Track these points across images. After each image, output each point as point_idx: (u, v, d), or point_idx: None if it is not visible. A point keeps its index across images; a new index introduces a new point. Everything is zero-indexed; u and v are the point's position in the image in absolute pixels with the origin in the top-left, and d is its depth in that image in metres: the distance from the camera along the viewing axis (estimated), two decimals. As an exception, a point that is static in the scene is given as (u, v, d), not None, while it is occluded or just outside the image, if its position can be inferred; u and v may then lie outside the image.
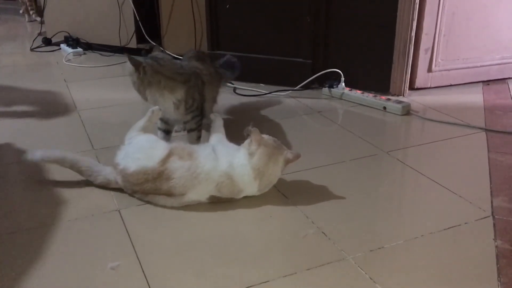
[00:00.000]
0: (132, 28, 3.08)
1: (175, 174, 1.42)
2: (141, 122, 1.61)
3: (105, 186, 1.53)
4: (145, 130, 1.59)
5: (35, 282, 1.16)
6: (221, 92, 2.00)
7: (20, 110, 2.28)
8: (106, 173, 1.53)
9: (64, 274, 1.19)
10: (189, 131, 1.78)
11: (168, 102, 1.70)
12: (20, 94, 2.50)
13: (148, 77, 1.66)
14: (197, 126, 1.78)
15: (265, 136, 1.50)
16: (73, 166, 1.55)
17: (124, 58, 3.03)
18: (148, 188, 1.44)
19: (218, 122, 1.68)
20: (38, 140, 1.93)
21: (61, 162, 1.55)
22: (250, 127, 1.50)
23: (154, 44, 3.04)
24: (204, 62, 1.90)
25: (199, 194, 1.45)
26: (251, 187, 1.47)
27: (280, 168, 1.49)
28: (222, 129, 1.66)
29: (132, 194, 1.49)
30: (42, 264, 1.22)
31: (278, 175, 1.51)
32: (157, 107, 1.65)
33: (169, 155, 1.46)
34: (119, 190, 1.52)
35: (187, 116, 1.75)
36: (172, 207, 1.45)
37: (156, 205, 1.47)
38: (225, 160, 1.46)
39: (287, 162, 1.50)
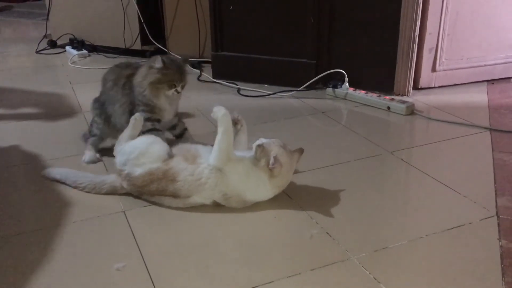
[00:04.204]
0: (136, 30, 3.10)
1: (180, 177, 1.43)
2: (126, 132, 1.59)
3: (112, 193, 1.54)
4: (132, 138, 1.57)
5: (41, 283, 1.17)
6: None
7: (26, 112, 2.30)
8: (111, 180, 1.53)
9: (69, 275, 1.20)
10: (181, 135, 1.80)
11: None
12: (26, 96, 2.52)
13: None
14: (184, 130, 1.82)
15: (276, 147, 1.45)
16: (76, 184, 1.57)
17: (128, 59, 3.05)
18: (154, 189, 1.45)
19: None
20: (44, 142, 1.95)
21: (64, 180, 1.59)
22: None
23: (159, 45, 3.07)
24: None
25: (204, 198, 1.45)
26: (265, 197, 1.48)
27: (293, 170, 1.51)
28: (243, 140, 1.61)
29: (139, 195, 1.51)
30: (48, 265, 1.23)
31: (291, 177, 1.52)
32: (138, 113, 1.63)
33: (172, 155, 1.47)
34: (125, 193, 1.53)
35: (176, 118, 1.79)
36: (177, 208, 1.46)
37: (161, 205, 1.48)
38: (239, 179, 1.43)
39: (296, 162, 1.51)
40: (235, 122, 1.57)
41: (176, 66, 1.67)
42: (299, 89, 2.49)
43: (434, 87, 2.51)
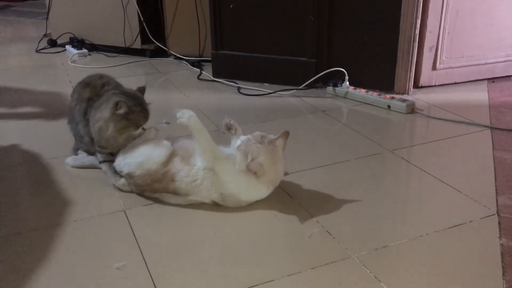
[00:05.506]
0: (136, 29, 3.09)
1: (177, 177, 1.44)
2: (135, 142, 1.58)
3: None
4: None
5: (41, 282, 1.17)
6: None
7: (26, 112, 2.30)
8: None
9: (70, 275, 1.20)
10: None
11: None
12: (26, 95, 2.52)
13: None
14: None
15: (252, 145, 1.41)
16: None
17: (128, 58, 3.06)
18: (157, 187, 1.46)
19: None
20: (44, 141, 1.95)
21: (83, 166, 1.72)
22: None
23: (159, 44, 3.07)
24: None
25: (202, 197, 1.45)
26: (261, 195, 1.46)
27: (283, 158, 1.46)
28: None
29: (141, 193, 1.51)
30: (48, 265, 1.23)
31: (283, 165, 1.48)
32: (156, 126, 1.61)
33: (171, 156, 1.47)
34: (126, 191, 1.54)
35: None
36: (177, 205, 1.47)
37: (162, 202, 1.48)
38: (231, 179, 1.42)
39: (283, 148, 1.48)
40: (228, 127, 1.54)
41: (139, 104, 1.56)
42: (299, 87, 2.49)
43: (434, 86, 2.50)
